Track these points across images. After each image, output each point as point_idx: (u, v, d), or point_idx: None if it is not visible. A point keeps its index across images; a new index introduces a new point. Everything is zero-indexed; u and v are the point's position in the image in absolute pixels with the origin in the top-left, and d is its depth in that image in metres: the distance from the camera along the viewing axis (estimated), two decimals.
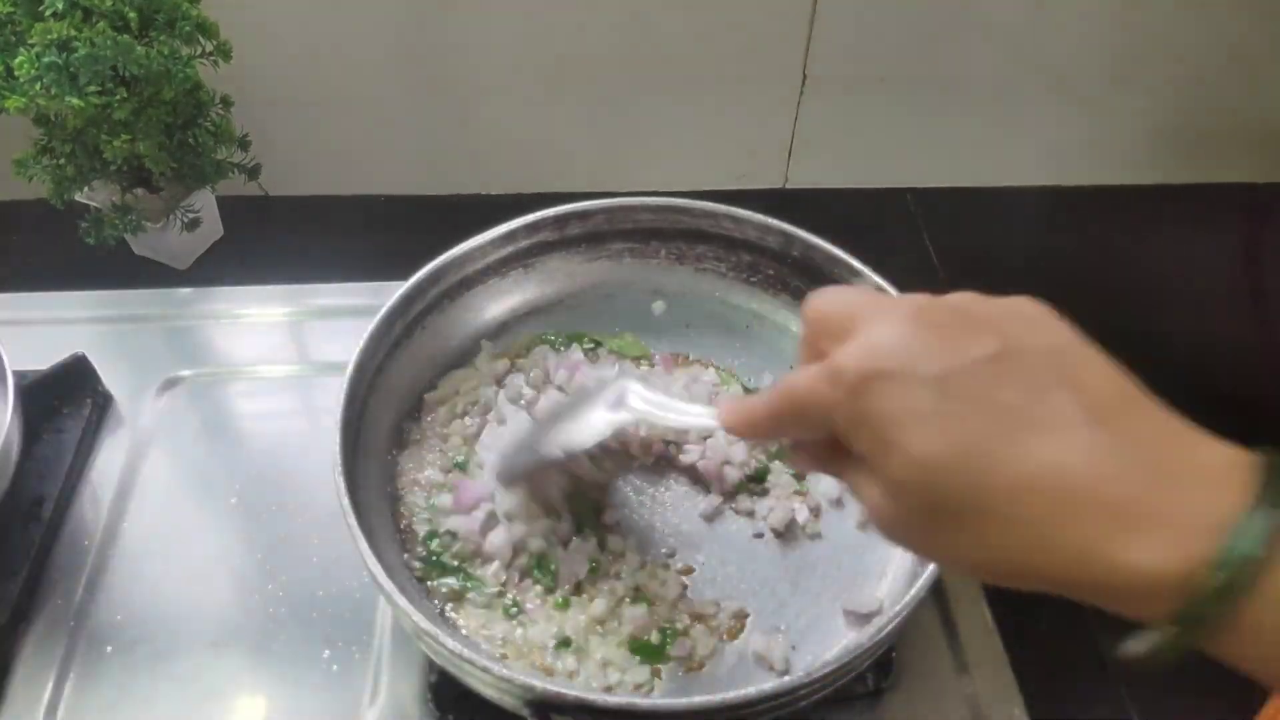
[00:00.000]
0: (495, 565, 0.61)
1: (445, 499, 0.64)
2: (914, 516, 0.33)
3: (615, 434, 0.51)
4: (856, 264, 0.69)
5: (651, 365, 0.75)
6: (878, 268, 0.68)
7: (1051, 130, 1.01)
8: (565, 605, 0.60)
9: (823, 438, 0.36)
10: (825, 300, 0.37)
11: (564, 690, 0.49)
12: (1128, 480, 0.29)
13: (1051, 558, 0.30)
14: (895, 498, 0.33)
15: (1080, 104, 0.99)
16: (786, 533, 0.65)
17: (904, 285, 0.67)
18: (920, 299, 0.34)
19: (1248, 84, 1.00)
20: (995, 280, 0.36)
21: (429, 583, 0.61)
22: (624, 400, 0.50)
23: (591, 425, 0.51)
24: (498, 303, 0.75)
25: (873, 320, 0.34)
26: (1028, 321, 0.33)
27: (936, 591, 0.66)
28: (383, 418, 0.67)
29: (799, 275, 0.74)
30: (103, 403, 0.77)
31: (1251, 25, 0.95)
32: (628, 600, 0.60)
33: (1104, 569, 0.29)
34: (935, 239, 0.91)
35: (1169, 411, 0.31)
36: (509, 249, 0.73)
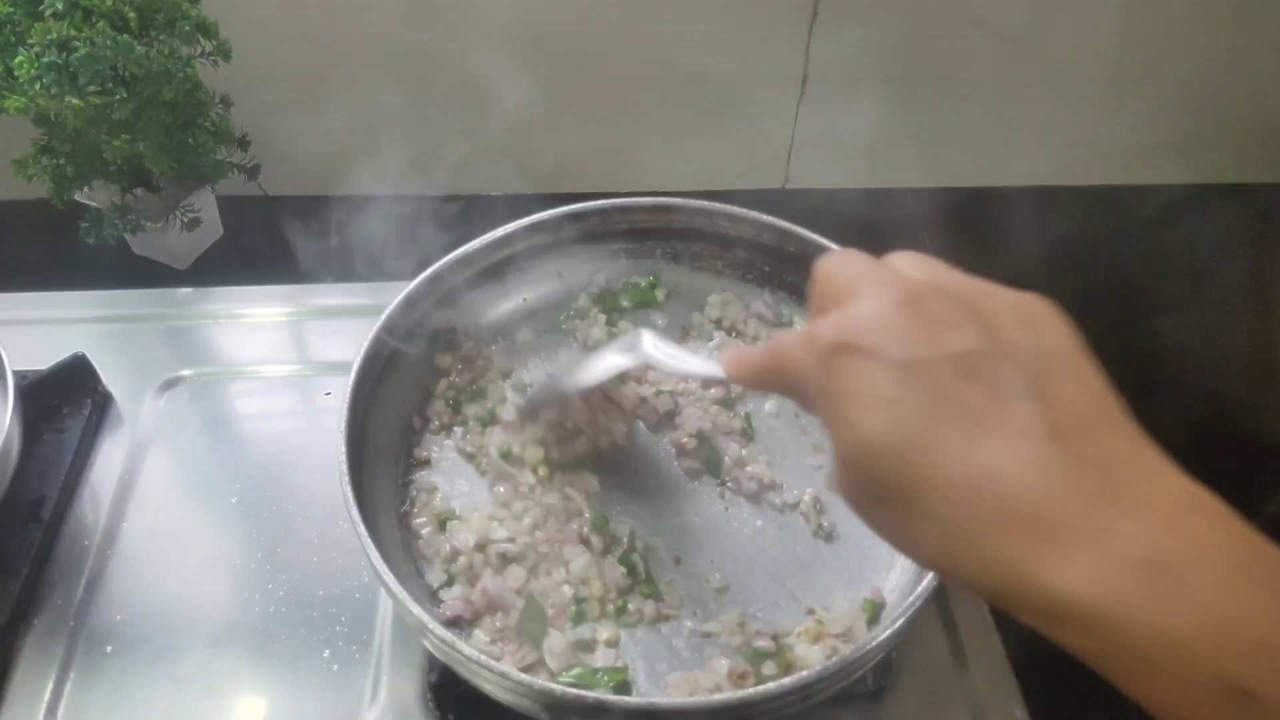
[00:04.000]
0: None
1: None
2: (857, 492, 0.33)
3: (630, 373, 0.52)
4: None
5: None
6: None
7: (1051, 130, 1.01)
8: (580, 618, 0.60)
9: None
10: (833, 264, 0.36)
11: (584, 693, 0.49)
12: (1063, 499, 0.28)
13: (973, 561, 0.30)
14: (843, 471, 0.33)
15: (1080, 104, 0.99)
16: (795, 525, 0.65)
17: None
18: (924, 282, 0.33)
19: (1248, 84, 1.00)
20: (994, 280, 0.35)
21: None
22: (636, 345, 0.51)
23: (603, 363, 0.53)
24: (495, 307, 0.75)
25: (865, 293, 0.33)
26: (1025, 323, 0.32)
27: (936, 591, 0.66)
28: (384, 431, 0.67)
29: (796, 271, 0.74)
30: (103, 403, 0.77)
31: (1251, 25, 0.95)
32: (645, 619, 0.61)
33: (1015, 581, 0.29)
34: (935, 239, 0.91)
35: (1143, 438, 0.31)
36: (504, 253, 0.73)
